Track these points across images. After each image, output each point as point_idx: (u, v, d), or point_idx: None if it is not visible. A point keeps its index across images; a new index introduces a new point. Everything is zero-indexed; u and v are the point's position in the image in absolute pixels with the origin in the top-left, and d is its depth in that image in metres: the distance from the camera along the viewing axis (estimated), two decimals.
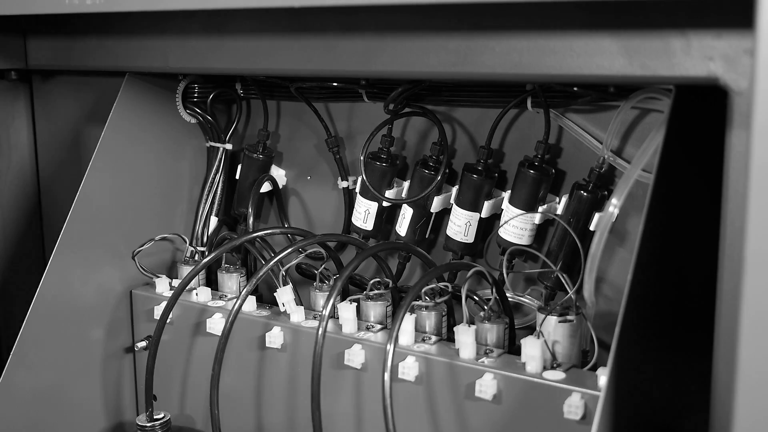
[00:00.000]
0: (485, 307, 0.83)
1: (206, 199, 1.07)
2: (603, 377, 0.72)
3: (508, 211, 0.90)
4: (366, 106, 1.01)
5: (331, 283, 0.93)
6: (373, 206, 0.98)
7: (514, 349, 0.83)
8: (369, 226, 0.98)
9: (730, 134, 0.58)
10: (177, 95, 1.05)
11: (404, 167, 1.01)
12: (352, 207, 1.06)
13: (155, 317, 0.98)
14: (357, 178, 1.01)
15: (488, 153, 0.91)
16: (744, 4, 0.54)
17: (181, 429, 0.99)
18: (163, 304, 0.95)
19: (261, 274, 0.88)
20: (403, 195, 0.98)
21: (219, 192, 1.07)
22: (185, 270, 1.03)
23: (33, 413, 0.96)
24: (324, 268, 0.93)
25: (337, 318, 0.88)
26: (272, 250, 1.00)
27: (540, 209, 0.88)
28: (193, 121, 1.08)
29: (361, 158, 0.95)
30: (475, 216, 0.92)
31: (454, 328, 0.81)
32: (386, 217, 1.00)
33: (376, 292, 0.89)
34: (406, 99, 0.95)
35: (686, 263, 0.78)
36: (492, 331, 0.82)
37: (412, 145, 1.01)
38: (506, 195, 0.91)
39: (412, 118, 0.99)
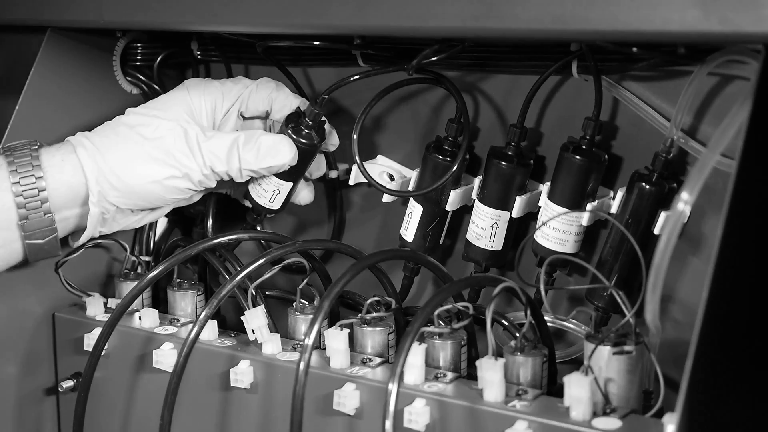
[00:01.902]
0: (517, 335, 0.83)
1: None
2: (671, 426, 0.73)
3: (548, 209, 0.90)
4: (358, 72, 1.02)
5: (316, 303, 0.94)
6: None
7: (554, 390, 0.83)
8: None
9: None
10: (114, 58, 1.06)
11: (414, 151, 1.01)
12: (343, 203, 1.07)
13: (86, 348, 0.98)
14: (350, 167, 1.02)
15: (521, 133, 0.92)
16: None
17: None
18: (97, 330, 0.95)
19: (225, 292, 0.88)
20: (410, 187, 0.98)
21: None
22: (125, 286, 1.03)
23: None
24: (306, 283, 0.93)
25: (324, 349, 0.88)
26: (239, 261, 1.01)
27: (589, 207, 0.89)
28: (136, 91, 1.08)
29: (354, 137, 0.95)
30: (504, 215, 0.93)
31: (477, 362, 0.81)
32: None
33: (374, 315, 0.89)
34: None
35: None
36: (526, 366, 0.82)
37: (422, 122, 1.01)
38: (544, 188, 0.92)
39: (422, 87, 1.00)
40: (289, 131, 0.94)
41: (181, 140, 0.92)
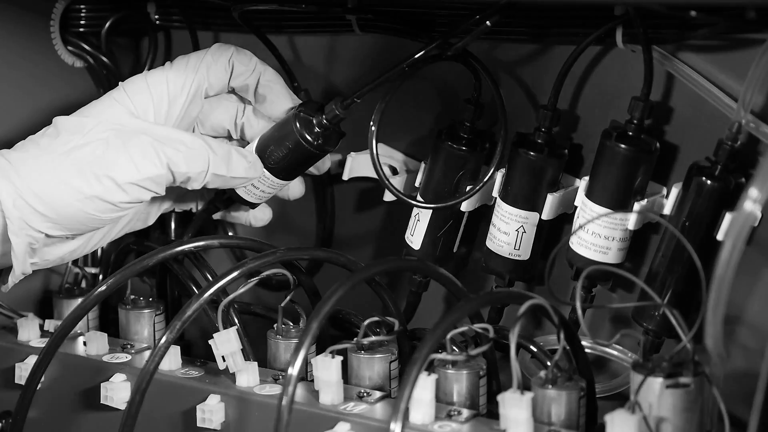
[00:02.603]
0: (548, 364, 0.83)
1: None
2: None
3: (586, 209, 0.91)
4: (355, 41, 1.02)
5: (302, 325, 0.94)
6: None
7: (594, 431, 0.83)
8: None
9: None
10: (52, 23, 1.06)
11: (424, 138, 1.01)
12: (334, 203, 1.07)
13: (17, 381, 0.98)
14: (344, 158, 1.02)
15: (553, 117, 0.92)
16: None
17: None
18: (32, 359, 0.95)
19: (190, 312, 0.88)
20: (417, 184, 0.99)
21: None
22: (66, 305, 1.04)
23: None
24: (290, 300, 0.93)
25: (312, 381, 0.88)
26: (212, 271, 1.01)
27: (636, 207, 0.89)
28: (79, 63, 1.09)
29: (373, 129, 0.95)
30: (533, 217, 0.93)
31: (498, 397, 0.81)
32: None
33: (373, 339, 0.89)
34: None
35: None
36: (559, 402, 0.82)
37: (433, 103, 1.01)
38: (582, 184, 0.92)
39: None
40: (297, 122, 0.94)
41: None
